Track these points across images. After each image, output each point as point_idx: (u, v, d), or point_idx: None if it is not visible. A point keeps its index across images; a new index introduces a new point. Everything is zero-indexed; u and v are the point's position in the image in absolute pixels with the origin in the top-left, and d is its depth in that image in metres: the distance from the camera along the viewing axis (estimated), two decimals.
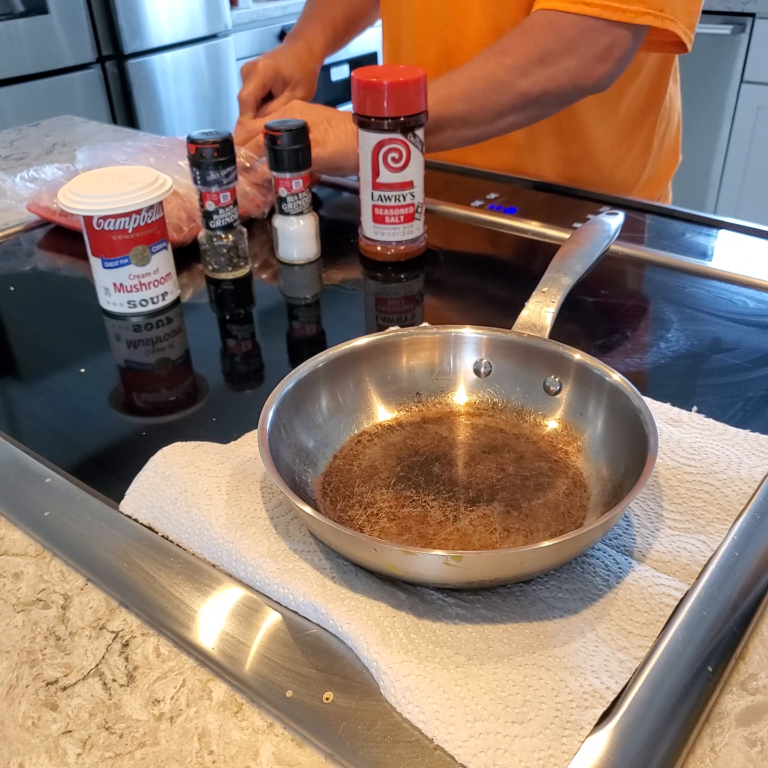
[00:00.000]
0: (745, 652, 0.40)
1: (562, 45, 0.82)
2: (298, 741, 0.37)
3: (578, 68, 0.82)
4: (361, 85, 0.73)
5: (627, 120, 0.99)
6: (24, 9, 2.00)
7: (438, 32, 0.98)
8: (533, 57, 0.82)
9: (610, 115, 0.98)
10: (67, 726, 0.38)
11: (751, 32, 2.06)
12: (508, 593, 0.42)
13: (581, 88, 0.85)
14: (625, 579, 0.43)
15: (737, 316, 0.69)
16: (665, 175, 1.08)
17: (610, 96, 0.94)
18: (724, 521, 0.46)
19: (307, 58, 1.07)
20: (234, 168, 0.75)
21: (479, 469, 0.50)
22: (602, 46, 0.82)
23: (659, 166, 1.06)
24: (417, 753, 0.35)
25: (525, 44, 0.83)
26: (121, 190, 0.68)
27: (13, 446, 0.56)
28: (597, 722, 0.36)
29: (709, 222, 0.87)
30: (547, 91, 0.84)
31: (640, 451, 0.45)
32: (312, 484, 0.49)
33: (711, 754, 0.36)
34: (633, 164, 1.03)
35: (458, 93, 0.84)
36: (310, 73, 1.07)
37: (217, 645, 0.41)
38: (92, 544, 0.47)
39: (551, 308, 0.58)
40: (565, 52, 0.82)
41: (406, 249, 0.80)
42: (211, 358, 0.67)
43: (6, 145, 1.24)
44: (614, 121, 0.99)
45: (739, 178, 2.22)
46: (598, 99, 0.94)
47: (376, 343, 0.55)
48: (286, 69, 1.03)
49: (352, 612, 0.40)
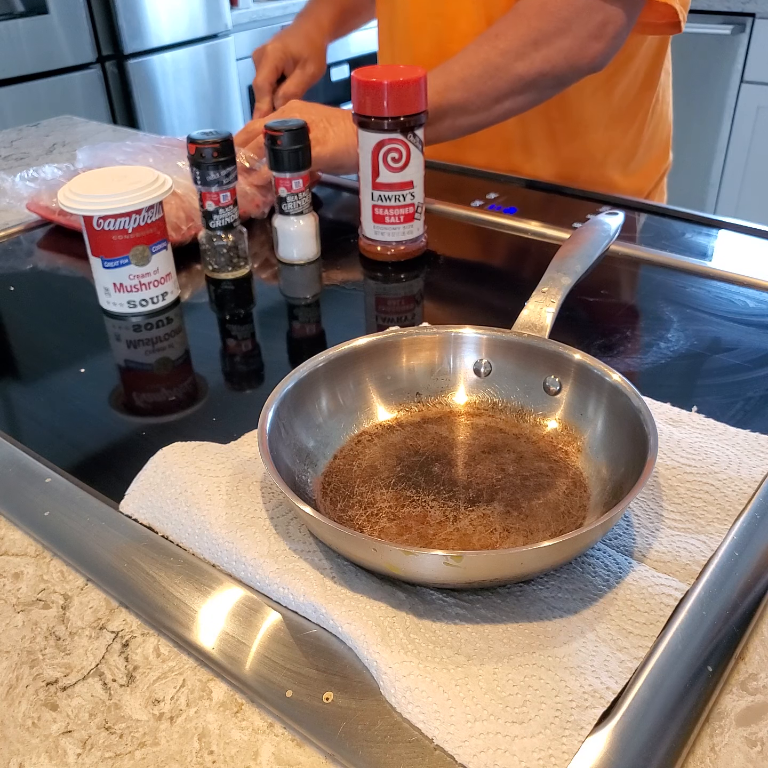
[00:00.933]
0: (745, 652, 0.40)
1: (556, 25, 0.82)
2: (298, 741, 0.37)
3: (573, 47, 0.83)
4: (361, 85, 0.73)
5: (621, 105, 1.00)
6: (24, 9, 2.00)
7: (430, 23, 0.98)
8: (527, 39, 0.82)
9: (605, 99, 0.98)
10: (67, 726, 0.38)
11: (751, 32, 2.06)
12: (508, 593, 0.42)
13: (577, 68, 0.85)
14: (625, 579, 0.43)
15: (737, 316, 0.69)
16: (655, 169, 1.08)
17: (605, 80, 0.95)
18: (724, 521, 0.46)
19: (316, 34, 1.08)
20: (234, 168, 0.75)
21: (479, 469, 0.50)
22: (596, 23, 0.82)
23: (650, 158, 1.06)
24: (417, 753, 0.35)
25: (519, 27, 0.83)
26: (121, 190, 0.68)
27: (13, 446, 0.56)
28: (597, 722, 0.36)
29: (709, 222, 0.87)
30: (544, 72, 0.84)
31: (640, 451, 0.45)
32: (312, 484, 0.49)
33: (711, 754, 0.36)
34: (625, 151, 1.03)
35: (455, 81, 0.84)
36: (319, 49, 1.08)
37: (217, 645, 0.41)
38: (92, 544, 0.47)
39: (551, 308, 0.58)
40: (558, 32, 0.82)
41: (406, 249, 0.80)
42: (211, 358, 0.67)
43: (6, 145, 1.24)
44: (608, 106, 0.99)
45: (739, 178, 2.21)
46: (592, 84, 0.94)
47: (376, 343, 0.55)
48: (294, 48, 1.04)
49: (352, 612, 0.40)
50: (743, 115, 2.14)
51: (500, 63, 0.83)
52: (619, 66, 0.95)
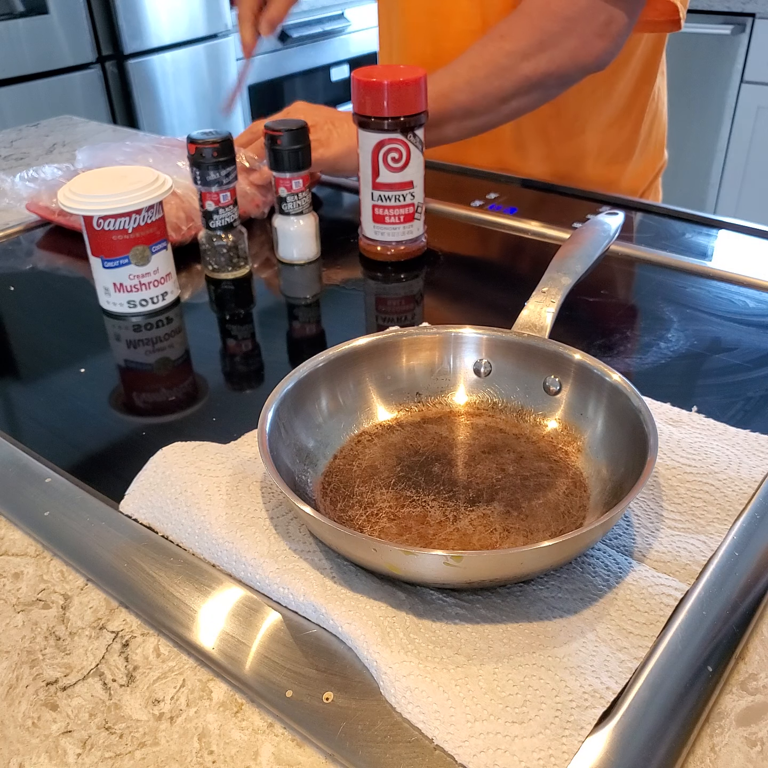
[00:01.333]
0: (745, 652, 0.40)
1: (561, 25, 0.82)
2: (298, 741, 0.37)
3: (578, 46, 0.83)
4: (361, 85, 0.73)
5: (618, 104, 1.00)
6: (24, 9, 2.00)
7: (425, 21, 0.98)
8: (533, 40, 0.83)
9: (603, 98, 0.99)
10: (67, 726, 0.38)
11: (751, 32, 2.06)
12: (508, 593, 0.42)
13: (583, 66, 0.85)
14: (625, 579, 0.43)
15: (737, 316, 0.69)
16: (651, 167, 1.08)
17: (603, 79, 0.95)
18: (724, 521, 0.46)
19: None
20: (234, 168, 0.75)
21: (479, 469, 0.50)
22: (600, 22, 0.82)
23: (646, 156, 1.07)
24: (417, 753, 0.35)
25: (524, 27, 0.83)
26: (121, 190, 0.68)
27: (13, 446, 0.56)
28: (597, 722, 0.36)
29: (709, 222, 0.87)
30: (550, 72, 0.84)
31: (640, 451, 0.45)
32: (312, 484, 0.49)
33: (711, 754, 0.36)
34: (621, 149, 1.03)
35: (460, 83, 0.84)
36: None
37: (217, 645, 0.41)
38: (92, 544, 0.47)
39: (551, 308, 0.58)
40: (564, 31, 0.82)
41: (406, 249, 0.80)
42: (211, 358, 0.67)
43: (6, 145, 1.24)
44: (606, 105, 1.00)
45: (739, 178, 2.21)
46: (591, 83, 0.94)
47: (376, 343, 0.55)
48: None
49: (352, 612, 0.40)
50: (743, 115, 2.14)
51: (506, 64, 0.83)
52: (617, 65, 0.95)
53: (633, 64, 0.98)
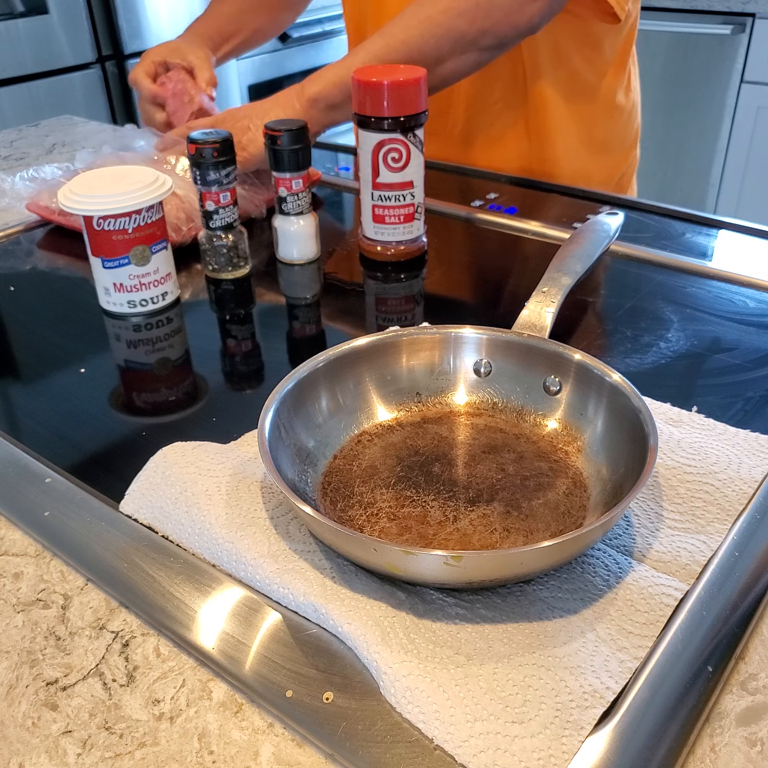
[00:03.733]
0: (745, 652, 0.40)
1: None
2: (298, 741, 0.37)
3: (513, 5, 0.84)
4: (361, 85, 0.73)
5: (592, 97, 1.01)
6: (24, 9, 2.00)
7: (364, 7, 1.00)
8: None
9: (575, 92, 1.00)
10: (67, 726, 0.38)
11: (751, 32, 2.05)
12: (508, 593, 0.42)
13: (516, 26, 0.86)
14: (625, 579, 0.43)
15: (737, 316, 0.69)
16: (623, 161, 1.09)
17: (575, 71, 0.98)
18: (724, 521, 0.46)
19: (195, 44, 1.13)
20: (234, 168, 0.75)
21: (479, 469, 0.50)
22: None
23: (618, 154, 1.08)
24: (417, 753, 0.35)
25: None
26: (121, 190, 0.68)
27: (13, 446, 0.56)
28: (597, 722, 0.36)
29: (709, 222, 0.87)
30: (484, 29, 0.84)
31: (640, 451, 0.45)
32: (312, 484, 0.49)
33: (711, 754, 0.36)
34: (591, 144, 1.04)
35: (395, 43, 0.84)
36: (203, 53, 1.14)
37: (217, 645, 0.41)
38: (92, 544, 0.47)
39: (551, 308, 0.58)
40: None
41: (406, 249, 0.80)
42: (211, 358, 0.67)
43: (6, 145, 1.24)
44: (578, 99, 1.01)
45: (739, 178, 2.21)
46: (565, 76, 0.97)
47: (376, 343, 0.55)
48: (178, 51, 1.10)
49: (352, 612, 0.40)
50: (743, 115, 2.14)
51: (441, 21, 0.83)
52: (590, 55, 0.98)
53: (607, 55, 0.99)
